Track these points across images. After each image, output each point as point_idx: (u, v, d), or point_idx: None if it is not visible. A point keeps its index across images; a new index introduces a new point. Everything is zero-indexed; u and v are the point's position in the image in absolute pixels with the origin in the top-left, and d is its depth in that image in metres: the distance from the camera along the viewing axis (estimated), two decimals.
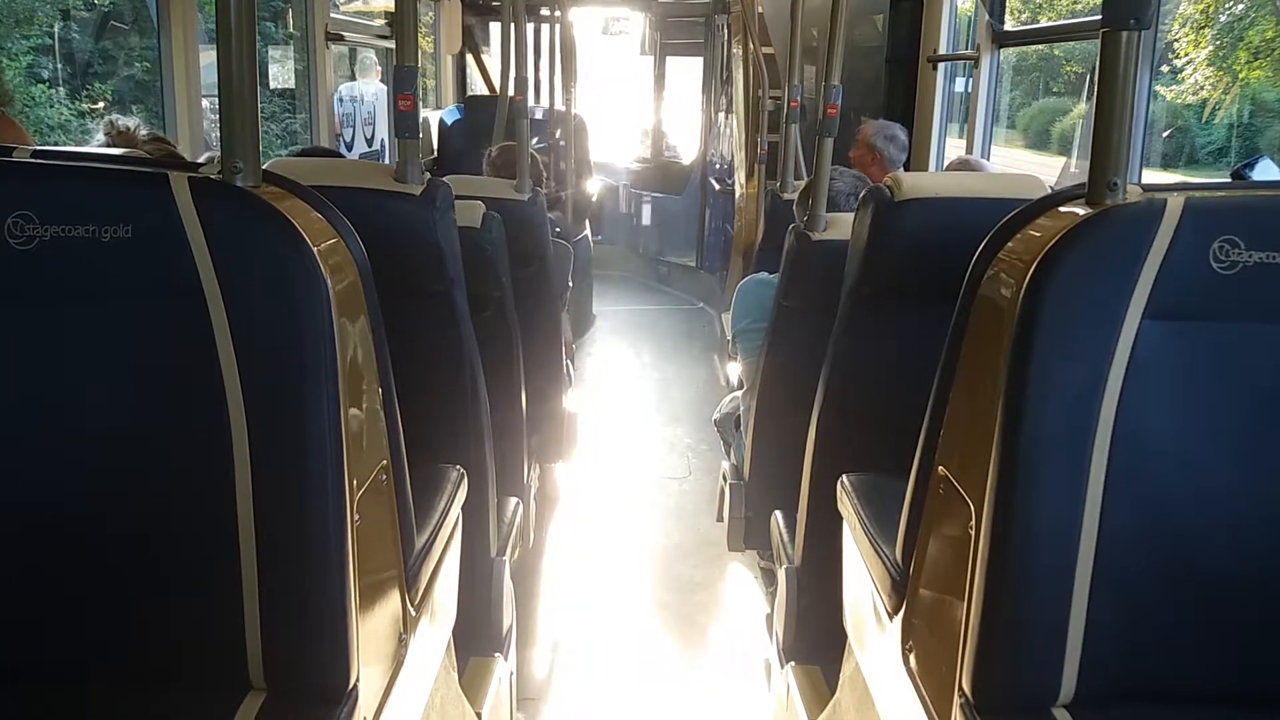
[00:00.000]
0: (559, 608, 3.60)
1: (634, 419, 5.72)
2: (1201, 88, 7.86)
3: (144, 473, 1.31)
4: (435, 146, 6.82)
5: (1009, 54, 4.68)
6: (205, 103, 3.73)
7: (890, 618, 1.60)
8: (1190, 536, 1.26)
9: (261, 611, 1.29)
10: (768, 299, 2.93)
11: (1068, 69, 9.81)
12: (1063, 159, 8.80)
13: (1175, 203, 1.22)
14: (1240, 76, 7.73)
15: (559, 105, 6.17)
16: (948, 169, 4.13)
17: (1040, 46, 8.23)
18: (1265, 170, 2.27)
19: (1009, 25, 4.40)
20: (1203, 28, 7.88)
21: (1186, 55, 7.77)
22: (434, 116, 6.97)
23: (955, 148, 4.75)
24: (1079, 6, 8.45)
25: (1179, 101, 7.96)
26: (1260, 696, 1.30)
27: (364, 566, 1.35)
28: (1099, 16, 1.23)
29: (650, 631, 3.47)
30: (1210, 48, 7.81)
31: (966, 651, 1.29)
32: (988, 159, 4.36)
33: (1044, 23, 6.38)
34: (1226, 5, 7.95)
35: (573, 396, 4.25)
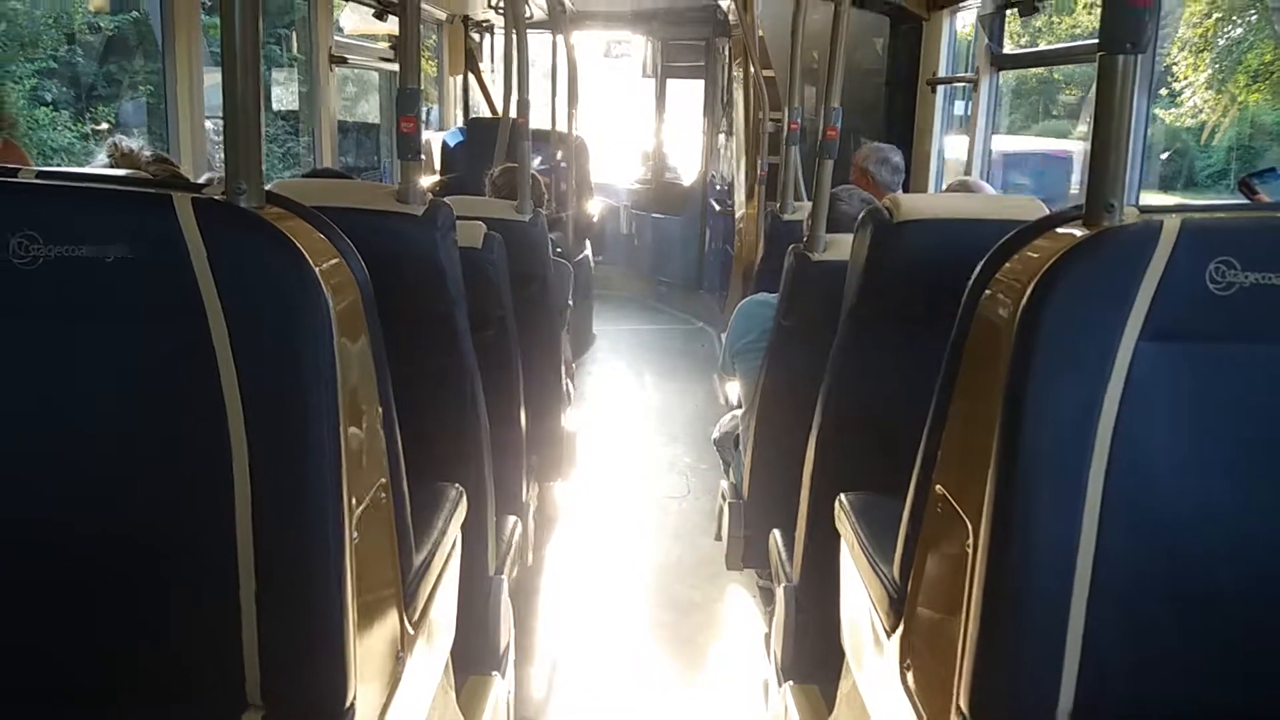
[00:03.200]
0: (557, 626, 3.59)
1: (633, 438, 5.72)
2: (1200, 110, 7.86)
3: (144, 491, 1.32)
4: (437, 168, 6.84)
5: (1008, 78, 4.70)
6: (209, 124, 3.75)
7: (888, 636, 1.60)
8: (1187, 554, 1.26)
9: (260, 629, 1.29)
10: (767, 319, 2.94)
11: (1066, 93, 9.86)
12: None
13: (1172, 224, 1.23)
14: (1240, 100, 7.74)
15: (561, 127, 6.20)
16: (946, 190, 4.14)
17: (1039, 71, 8.27)
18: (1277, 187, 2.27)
19: (1008, 49, 4.42)
20: (1201, 51, 7.89)
21: (1185, 79, 7.77)
22: (436, 139, 6.99)
23: (953, 171, 4.77)
24: (1078, 30, 8.49)
25: (1179, 125, 7.96)
26: (1259, 712, 1.30)
27: (362, 584, 1.36)
28: (1096, 40, 1.25)
29: (648, 650, 3.47)
30: (1209, 71, 7.81)
31: (964, 669, 1.29)
32: (986, 181, 4.38)
33: (1043, 46, 6.40)
34: (1225, 29, 7.97)
35: (572, 415, 4.25)
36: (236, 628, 1.29)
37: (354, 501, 1.33)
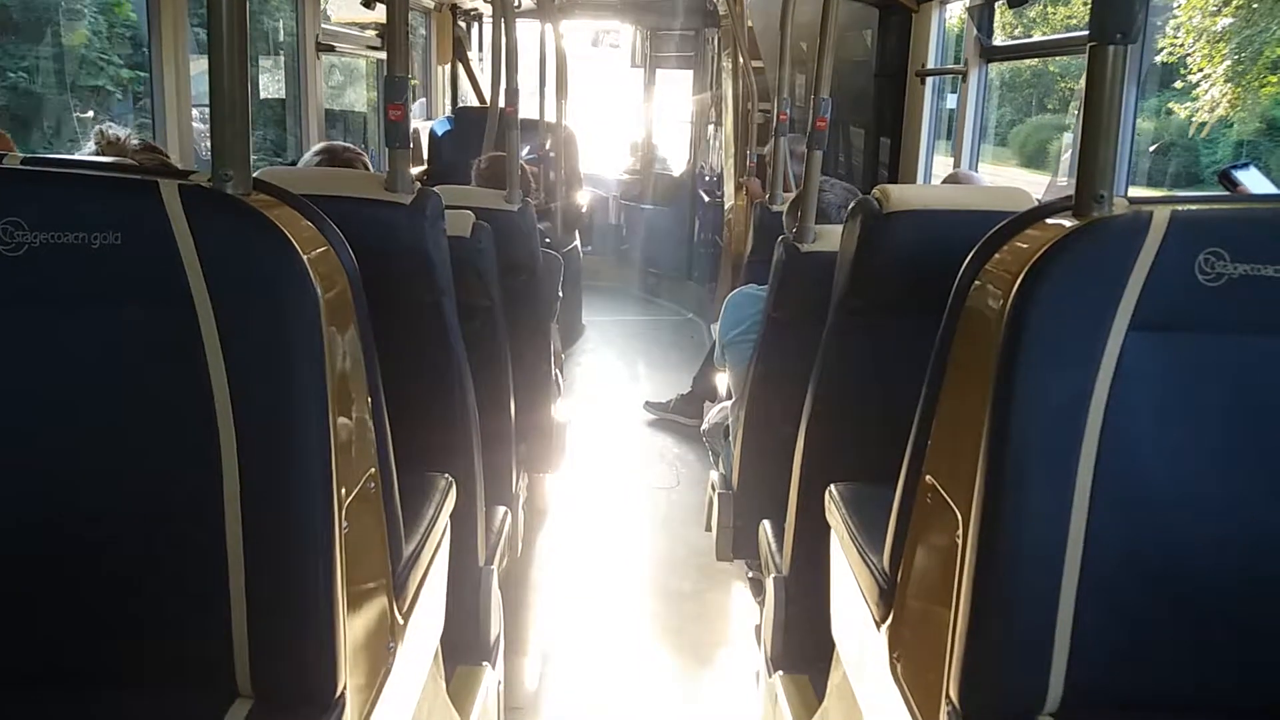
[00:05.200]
0: (547, 618, 3.60)
1: (623, 429, 5.72)
2: (1218, 104, 7.62)
3: (132, 479, 1.31)
4: (426, 158, 6.82)
5: (1004, 70, 4.70)
6: (195, 111, 3.73)
7: (878, 627, 1.61)
8: (1176, 545, 1.27)
9: (249, 618, 1.29)
10: (757, 311, 2.94)
11: (1062, 85, 9.71)
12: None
13: (1161, 215, 1.23)
14: (1259, 92, 7.51)
15: (549, 117, 6.18)
16: (943, 184, 4.15)
17: (1033, 62, 8.21)
18: (1252, 176, 2.29)
19: (999, 40, 4.42)
20: (1218, 41, 7.63)
21: (1200, 70, 7.50)
22: (424, 127, 6.97)
23: (946, 164, 4.76)
24: (1074, 21, 8.36)
25: (1195, 119, 7.70)
26: (1246, 705, 1.31)
27: (352, 574, 1.35)
28: (1086, 31, 1.25)
29: (638, 641, 3.47)
30: (1228, 62, 7.53)
31: (953, 660, 1.29)
32: (976, 173, 4.38)
33: (1037, 37, 6.40)
34: (1248, 17, 7.68)
35: (562, 406, 4.25)
36: (226, 617, 1.29)
37: (343, 491, 1.32)
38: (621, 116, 10.21)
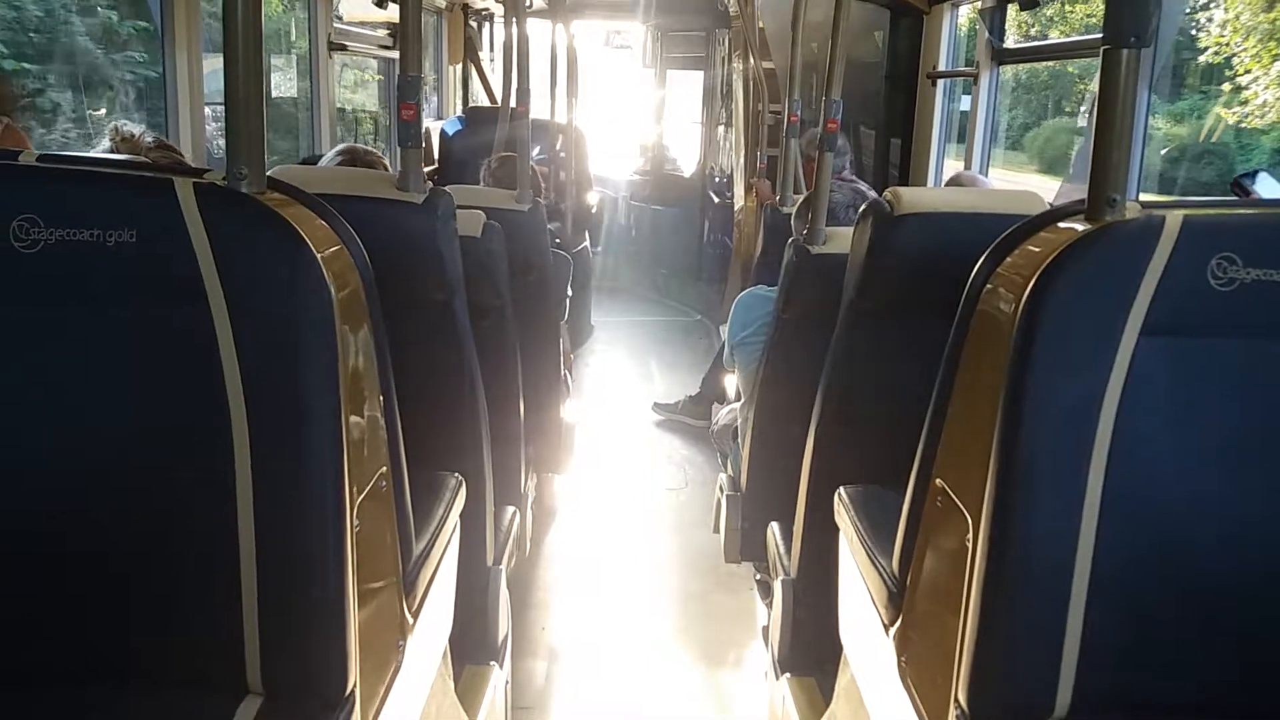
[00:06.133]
0: (555, 618, 3.60)
1: (631, 429, 5.72)
2: (1270, 108, 7.26)
3: (144, 476, 1.32)
4: (436, 157, 6.83)
5: (1020, 71, 4.67)
6: (208, 110, 3.73)
7: (886, 630, 1.60)
8: (1187, 549, 1.27)
9: (260, 616, 1.29)
10: (766, 312, 2.94)
11: (1080, 87, 9.51)
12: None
13: (1174, 220, 1.23)
14: None
15: (559, 117, 6.18)
16: (945, 185, 4.14)
17: (1053, 63, 8.09)
18: (1264, 183, 2.28)
19: (1014, 41, 4.41)
20: (1271, 39, 7.28)
21: (1248, 71, 7.17)
22: (435, 127, 6.98)
23: (958, 168, 4.75)
24: (1094, 20, 8.14)
25: (1249, 125, 7.35)
26: (1256, 708, 1.30)
27: (363, 572, 1.36)
28: (1099, 35, 1.24)
29: (646, 642, 3.47)
30: None
31: (962, 663, 1.29)
32: (986, 176, 4.37)
33: (1054, 38, 6.33)
34: None
35: (571, 407, 4.26)
36: (237, 615, 1.29)
37: (355, 490, 1.33)
38: (632, 117, 10.21)
